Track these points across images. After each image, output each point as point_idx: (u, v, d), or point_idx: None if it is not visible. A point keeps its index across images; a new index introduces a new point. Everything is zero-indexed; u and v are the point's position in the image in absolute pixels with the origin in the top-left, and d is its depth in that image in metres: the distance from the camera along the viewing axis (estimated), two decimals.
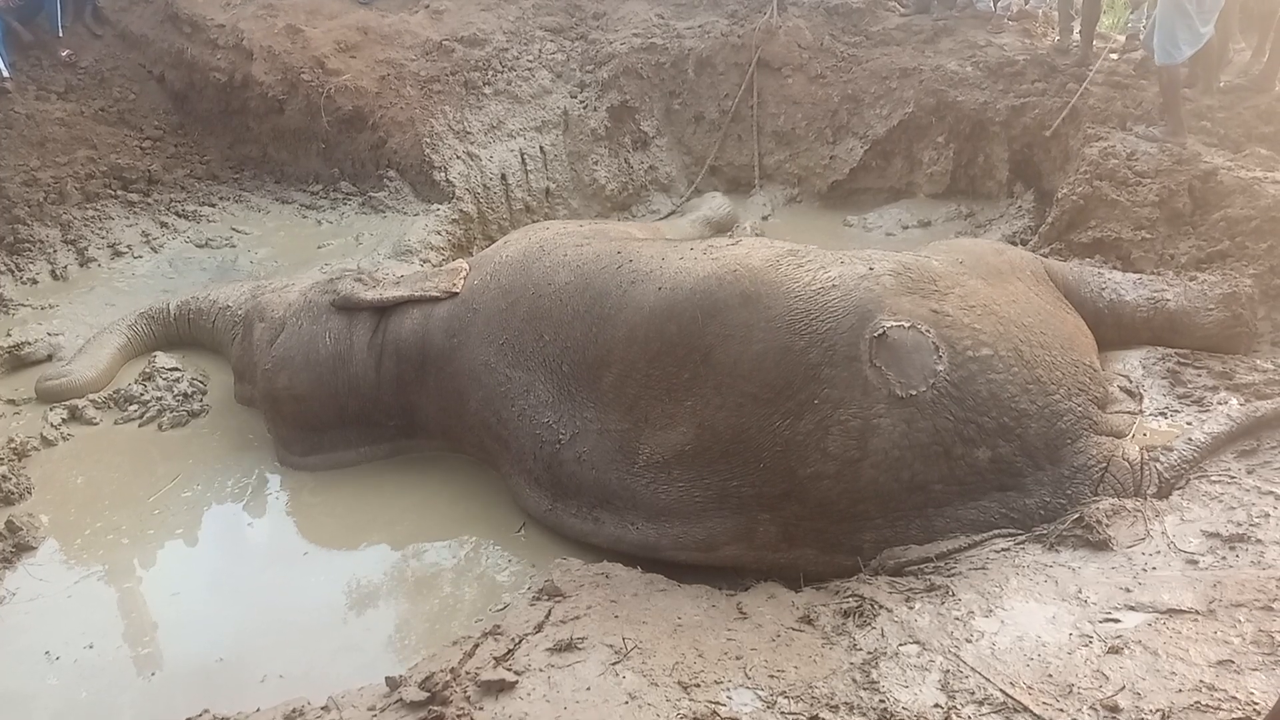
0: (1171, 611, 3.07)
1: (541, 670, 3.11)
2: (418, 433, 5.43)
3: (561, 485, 4.61)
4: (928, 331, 3.94)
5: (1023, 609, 3.25)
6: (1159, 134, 6.60)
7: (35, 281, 7.16)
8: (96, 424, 5.72)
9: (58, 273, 7.32)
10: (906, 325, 3.95)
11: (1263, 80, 6.98)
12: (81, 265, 7.47)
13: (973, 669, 2.95)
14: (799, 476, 3.95)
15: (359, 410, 5.36)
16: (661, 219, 8.73)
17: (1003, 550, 3.68)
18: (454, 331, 5.11)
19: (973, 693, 2.85)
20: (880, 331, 3.92)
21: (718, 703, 2.91)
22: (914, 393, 3.85)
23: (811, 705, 2.88)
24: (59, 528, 4.85)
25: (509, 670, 3.08)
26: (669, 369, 4.29)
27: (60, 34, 8.95)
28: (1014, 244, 6.82)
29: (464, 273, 5.35)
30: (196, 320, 6.38)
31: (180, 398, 5.91)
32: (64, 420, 5.66)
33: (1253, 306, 4.86)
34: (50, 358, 6.30)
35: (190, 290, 6.76)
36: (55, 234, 7.59)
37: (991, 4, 9.28)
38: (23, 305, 6.85)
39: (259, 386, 5.53)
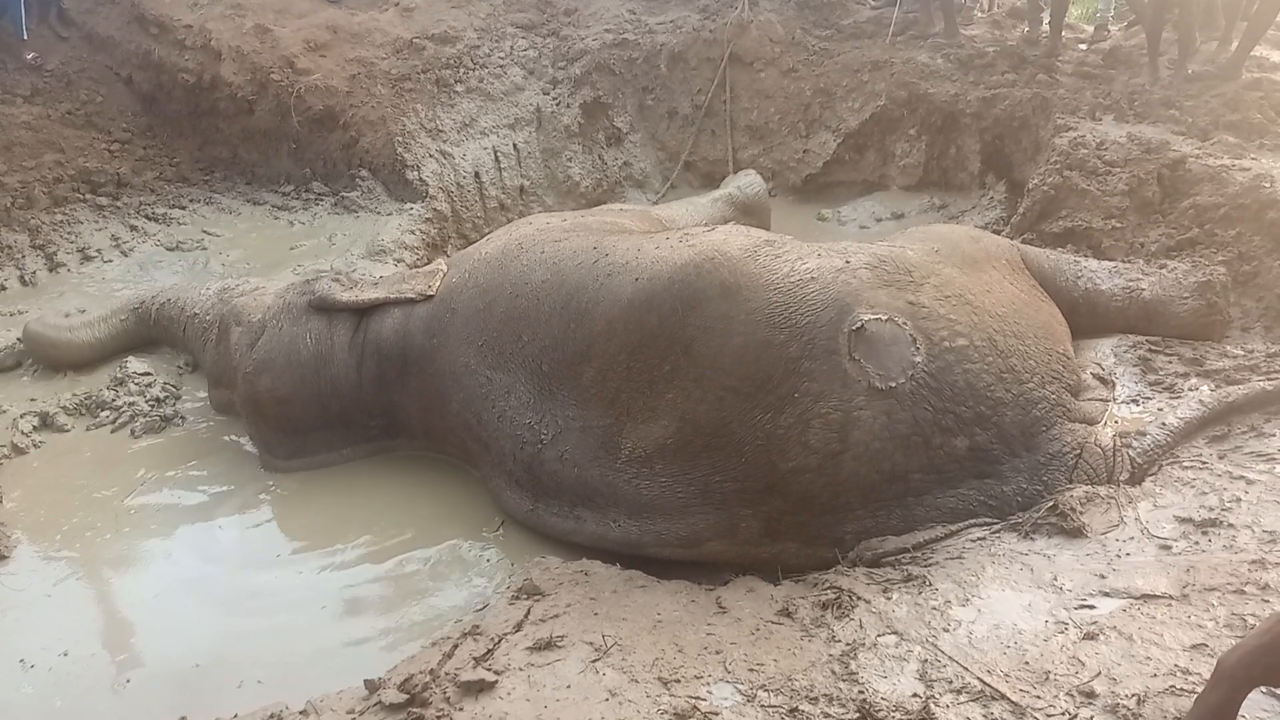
0: (1146, 597, 3.10)
1: (521, 669, 3.11)
2: (400, 433, 5.40)
3: (542, 485, 4.59)
4: (904, 324, 3.97)
5: (999, 597, 3.27)
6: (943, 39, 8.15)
7: (3, 288, 7.07)
8: (68, 431, 5.65)
9: (26, 278, 7.23)
10: (884, 318, 3.97)
11: (1230, 68, 7.04)
12: (50, 270, 7.38)
13: (950, 658, 2.97)
14: (781, 470, 3.96)
15: (341, 411, 5.33)
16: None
17: (979, 539, 3.71)
18: (434, 332, 5.08)
19: (951, 682, 2.86)
20: (858, 325, 3.94)
21: (698, 698, 2.92)
22: (893, 385, 3.88)
23: (791, 698, 2.89)
24: (32, 536, 4.79)
25: (489, 670, 3.07)
26: (650, 361, 4.28)
27: (25, 37, 8.82)
28: None
29: (441, 274, 5.32)
30: (170, 327, 6.31)
31: (153, 402, 5.85)
32: (35, 428, 5.59)
33: (1227, 294, 4.91)
34: (19, 365, 6.22)
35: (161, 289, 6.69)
36: (23, 239, 7.49)
37: None
38: None
39: (239, 391, 5.45)
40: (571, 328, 4.54)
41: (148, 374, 6.08)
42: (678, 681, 3.01)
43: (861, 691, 2.88)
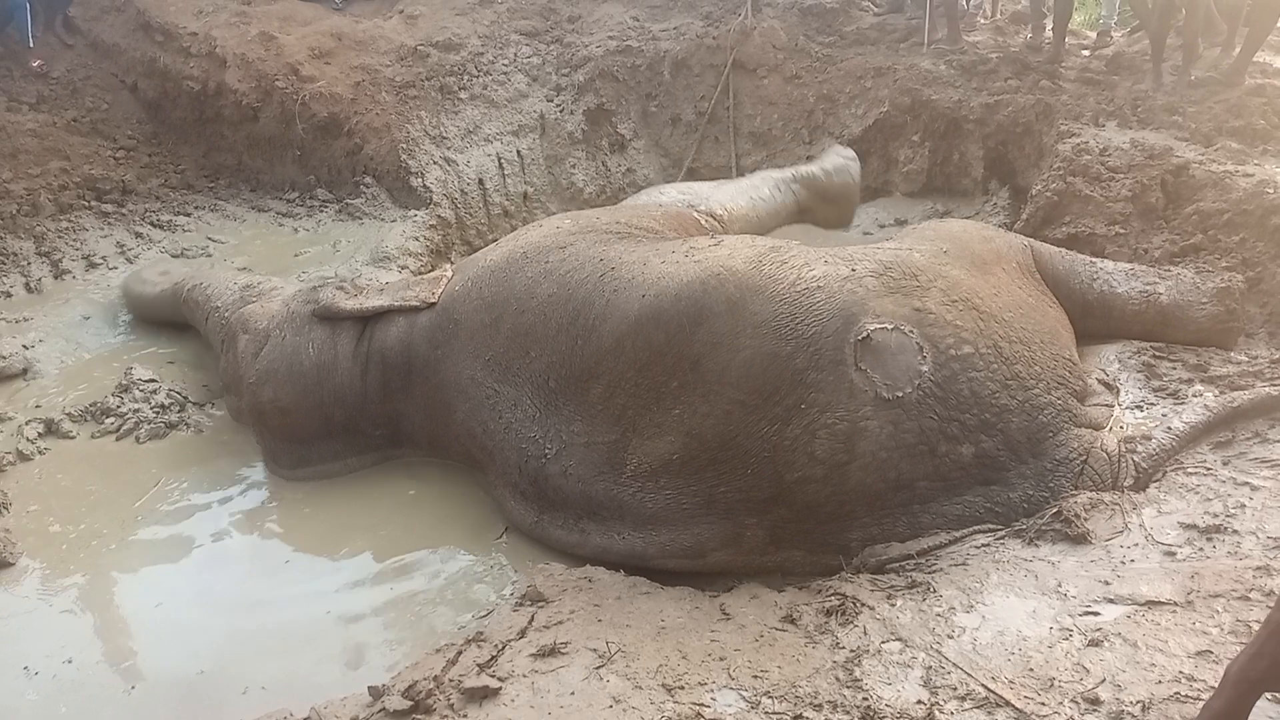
0: (1150, 603, 3.09)
1: (525, 676, 3.11)
2: (404, 441, 5.40)
3: (547, 498, 4.58)
4: (911, 332, 3.95)
5: (1003, 604, 3.27)
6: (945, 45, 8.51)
7: (9, 294, 7.08)
8: (73, 438, 5.66)
9: (32, 285, 7.24)
10: (890, 327, 3.95)
11: (1233, 74, 7.05)
12: (56, 277, 7.39)
13: (955, 665, 2.97)
14: (786, 481, 3.94)
15: (345, 420, 5.33)
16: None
17: (983, 546, 3.70)
18: (438, 342, 5.08)
19: (955, 688, 2.86)
20: (865, 335, 3.92)
21: (702, 704, 2.91)
22: (900, 394, 3.85)
23: (795, 705, 2.88)
24: (36, 543, 4.80)
25: (492, 677, 3.08)
26: (657, 378, 4.26)
27: (31, 44, 8.87)
28: None
29: (445, 281, 5.32)
30: (194, 313, 6.35)
31: (158, 409, 5.85)
32: (40, 435, 5.60)
33: (1244, 301, 4.87)
34: (25, 372, 6.23)
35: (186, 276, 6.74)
36: (29, 246, 7.51)
37: (965, 2, 9.37)
38: None
39: (244, 400, 5.47)
40: (578, 344, 4.53)
41: (152, 380, 6.08)
42: (682, 688, 3.01)
43: (866, 698, 2.87)
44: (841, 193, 6.69)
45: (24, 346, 6.38)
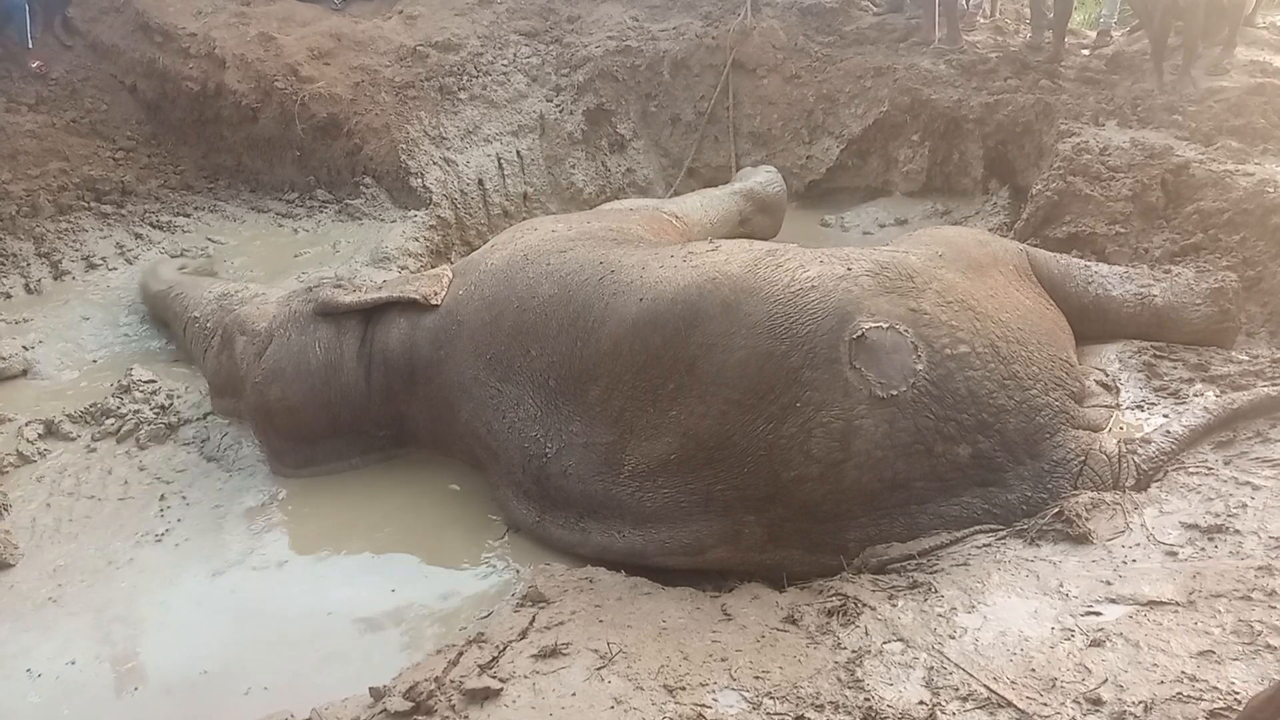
0: (1152, 603, 3.09)
1: (526, 677, 3.11)
2: (408, 441, 5.42)
3: (549, 497, 4.60)
4: (906, 331, 3.94)
5: (1005, 604, 3.26)
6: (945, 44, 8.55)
7: (9, 295, 7.09)
8: (74, 439, 5.66)
9: (31, 286, 7.25)
10: (885, 326, 3.94)
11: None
12: (56, 278, 7.40)
13: (956, 665, 2.97)
14: (783, 480, 3.95)
15: (351, 420, 5.34)
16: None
17: (984, 546, 3.69)
18: (441, 343, 5.09)
19: (957, 689, 2.86)
20: (859, 333, 3.92)
21: (703, 705, 2.91)
22: (895, 393, 3.85)
23: (797, 705, 2.88)
24: (38, 544, 4.80)
25: (494, 677, 3.08)
26: (654, 380, 4.28)
27: (30, 45, 8.86)
28: None
29: (446, 280, 5.33)
30: (172, 323, 6.39)
31: (158, 410, 5.85)
32: (40, 436, 5.60)
33: (1239, 301, 4.87)
34: (25, 372, 6.23)
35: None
36: (28, 247, 7.52)
37: (965, 2, 9.37)
38: None
39: (249, 400, 5.45)
40: (578, 346, 4.56)
41: (152, 381, 6.08)
42: (683, 689, 3.01)
43: (867, 699, 2.87)
44: (775, 201, 7.54)
45: (24, 347, 6.39)
